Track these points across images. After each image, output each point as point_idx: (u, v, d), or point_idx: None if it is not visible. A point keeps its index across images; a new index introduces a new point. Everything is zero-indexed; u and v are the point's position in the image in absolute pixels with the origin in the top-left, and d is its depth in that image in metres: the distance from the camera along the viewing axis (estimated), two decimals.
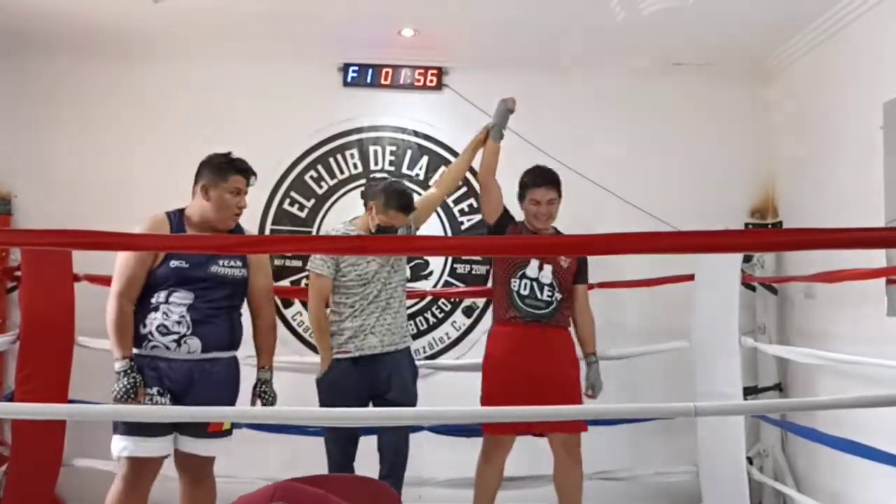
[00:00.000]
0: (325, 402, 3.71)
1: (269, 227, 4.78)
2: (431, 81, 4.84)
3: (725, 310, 4.15)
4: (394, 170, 4.86)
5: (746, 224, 4.85)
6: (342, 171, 4.87)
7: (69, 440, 4.17)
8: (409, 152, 4.89)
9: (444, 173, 4.33)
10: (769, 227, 4.78)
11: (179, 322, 3.10)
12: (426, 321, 4.85)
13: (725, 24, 4.24)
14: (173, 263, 3.11)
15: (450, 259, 4.81)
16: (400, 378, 3.74)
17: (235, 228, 3.31)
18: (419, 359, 4.56)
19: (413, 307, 4.77)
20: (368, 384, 3.70)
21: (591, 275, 4.04)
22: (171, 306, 3.11)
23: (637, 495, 4.59)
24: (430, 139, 4.89)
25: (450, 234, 4.75)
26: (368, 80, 4.83)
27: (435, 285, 4.81)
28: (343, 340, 3.71)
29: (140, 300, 3.13)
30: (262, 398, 3.32)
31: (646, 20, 4.06)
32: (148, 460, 3.09)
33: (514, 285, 3.76)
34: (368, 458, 3.78)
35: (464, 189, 4.82)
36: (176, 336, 3.10)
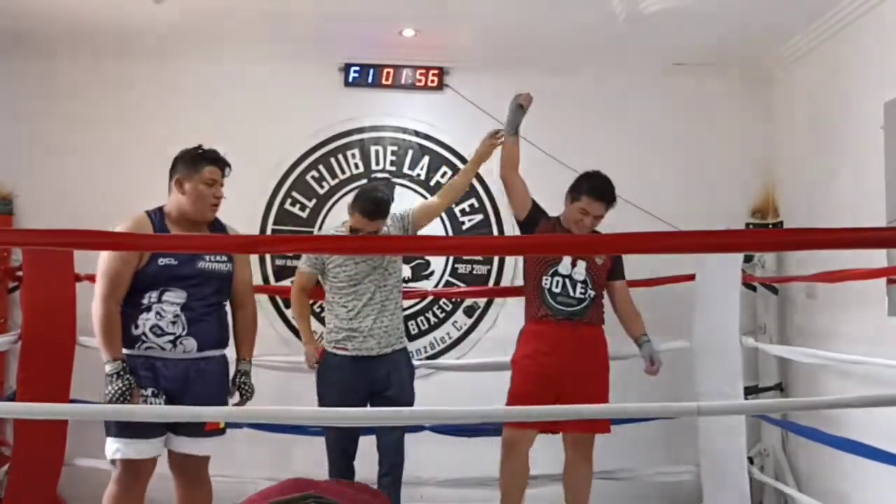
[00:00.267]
0: (324, 398, 3.73)
1: (270, 228, 4.77)
2: (432, 82, 4.84)
3: (726, 310, 4.15)
4: (395, 170, 4.87)
5: (747, 224, 4.85)
6: (343, 172, 4.87)
7: (70, 440, 4.16)
8: (411, 152, 4.89)
9: (448, 183, 4.30)
10: (770, 227, 4.78)
11: (174, 322, 3.07)
12: (427, 321, 4.85)
13: (726, 25, 4.24)
14: (162, 261, 3.06)
15: (451, 259, 4.81)
16: (399, 375, 3.77)
17: (215, 223, 3.26)
18: (420, 359, 4.57)
19: (414, 307, 4.77)
20: (368, 382, 3.73)
21: None
22: (165, 305, 3.07)
23: (638, 495, 4.58)
24: (432, 139, 4.89)
25: (451, 234, 4.75)
26: (370, 80, 4.84)
27: (436, 285, 4.80)
28: (341, 338, 3.74)
29: (129, 300, 3.06)
30: (240, 390, 3.28)
31: (646, 20, 4.07)
32: (141, 462, 3.05)
33: (545, 283, 3.70)
34: (368, 458, 3.79)
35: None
36: (171, 337, 3.07)
